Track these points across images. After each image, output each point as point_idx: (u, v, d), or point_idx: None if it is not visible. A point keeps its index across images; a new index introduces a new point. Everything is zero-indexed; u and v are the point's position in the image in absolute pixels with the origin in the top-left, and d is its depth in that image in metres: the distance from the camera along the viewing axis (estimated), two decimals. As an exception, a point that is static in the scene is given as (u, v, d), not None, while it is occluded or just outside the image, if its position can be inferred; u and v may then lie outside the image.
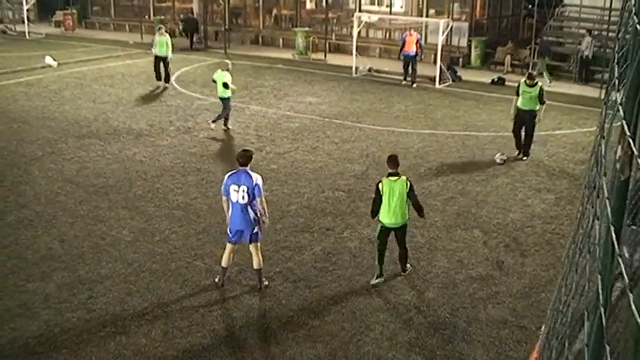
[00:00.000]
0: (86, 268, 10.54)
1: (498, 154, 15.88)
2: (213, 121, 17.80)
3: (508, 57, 26.96)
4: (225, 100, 17.64)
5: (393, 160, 9.99)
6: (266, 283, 10.06)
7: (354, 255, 11.06)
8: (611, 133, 3.67)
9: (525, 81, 15.66)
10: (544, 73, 24.11)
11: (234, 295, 9.87)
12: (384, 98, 22.47)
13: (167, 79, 22.95)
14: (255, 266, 9.92)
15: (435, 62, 25.01)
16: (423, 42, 25.28)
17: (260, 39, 34.66)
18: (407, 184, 9.82)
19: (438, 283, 10.24)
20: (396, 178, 9.79)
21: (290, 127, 18.56)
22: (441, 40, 24.19)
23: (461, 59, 28.21)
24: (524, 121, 15.74)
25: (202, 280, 10.24)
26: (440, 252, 11.20)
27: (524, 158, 15.95)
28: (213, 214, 12.38)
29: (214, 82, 17.86)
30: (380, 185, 9.82)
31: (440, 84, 24.31)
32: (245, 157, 9.65)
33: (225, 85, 17.29)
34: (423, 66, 25.82)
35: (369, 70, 26.72)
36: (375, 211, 10.04)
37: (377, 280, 10.13)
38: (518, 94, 15.72)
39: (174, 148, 16.43)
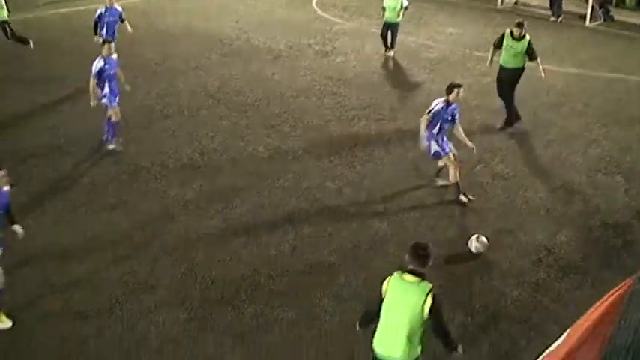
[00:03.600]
0: (223, 180, 11.02)
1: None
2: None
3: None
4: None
5: (416, 252, 5.79)
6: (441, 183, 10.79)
7: (484, 190, 10.89)
8: None
9: (511, 32, 12.75)
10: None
11: (362, 219, 10.01)
12: (529, 33, 21.46)
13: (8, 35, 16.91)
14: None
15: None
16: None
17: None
18: (426, 297, 5.61)
19: (572, 227, 9.92)
20: (413, 280, 5.72)
21: (428, 57, 18.20)
22: (596, -26, 22.68)
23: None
24: (504, 81, 13.05)
25: (332, 201, 10.45)
26: (577, 195, 10.82)
27: (507, 129, 13.10)
28: (346, 138, 12.50)
29: (384, 9, 17.93)
30: (385, 284, 5.86)
31: (590, 22, 22.91)
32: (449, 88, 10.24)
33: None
34: (574, 2, 24.40)
35: (516, 2, 25.55)
36: (367, 319, 6.19)
37: None
38: (498, 46, 13.01)
39: (311, 71, 16.57)
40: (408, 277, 5.72)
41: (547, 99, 15.01)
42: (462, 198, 10.34)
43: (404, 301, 5.68)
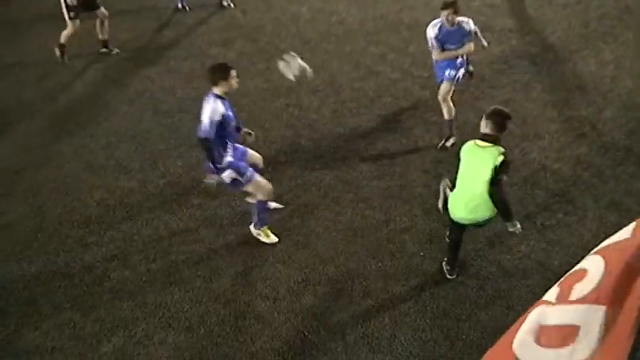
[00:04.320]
0: (265, 40, 10.89)
1: None
2: None
3: None
4: None
5: (497, 117, 5.89)
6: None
7: (534, 62, 10.57)
8: None
9: None
10: None
11: (404, 85, 9.88)
12: None
13: None
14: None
15: None
16: None
17: None
18: (498, 159, 5.76)
19: (619, 104, 9.65)
20: (485, 145, 5.87)
21: None
22: None
23: None
24: None
25: (375, 66, 10.30)
26: (626, 71, 10.43)
27: None
28: (391, 2, 12.12)
29: None
30: (462, 152, 6.09)
31: None
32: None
33: None
34: None
35: None
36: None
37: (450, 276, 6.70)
38: None
39: None
40: (480, 142, 5.89)
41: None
42: None
43: (476, 163, 5.88)
